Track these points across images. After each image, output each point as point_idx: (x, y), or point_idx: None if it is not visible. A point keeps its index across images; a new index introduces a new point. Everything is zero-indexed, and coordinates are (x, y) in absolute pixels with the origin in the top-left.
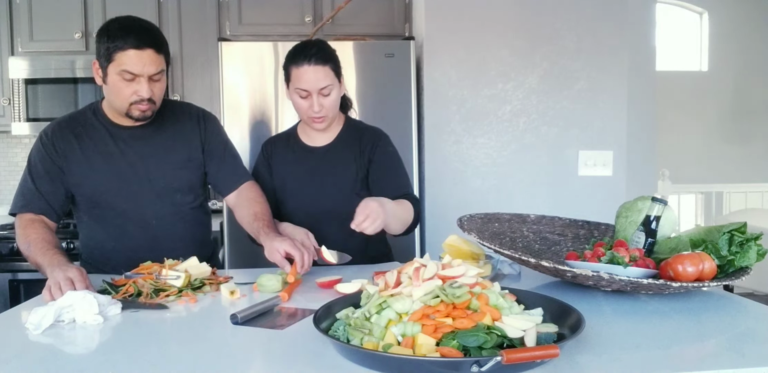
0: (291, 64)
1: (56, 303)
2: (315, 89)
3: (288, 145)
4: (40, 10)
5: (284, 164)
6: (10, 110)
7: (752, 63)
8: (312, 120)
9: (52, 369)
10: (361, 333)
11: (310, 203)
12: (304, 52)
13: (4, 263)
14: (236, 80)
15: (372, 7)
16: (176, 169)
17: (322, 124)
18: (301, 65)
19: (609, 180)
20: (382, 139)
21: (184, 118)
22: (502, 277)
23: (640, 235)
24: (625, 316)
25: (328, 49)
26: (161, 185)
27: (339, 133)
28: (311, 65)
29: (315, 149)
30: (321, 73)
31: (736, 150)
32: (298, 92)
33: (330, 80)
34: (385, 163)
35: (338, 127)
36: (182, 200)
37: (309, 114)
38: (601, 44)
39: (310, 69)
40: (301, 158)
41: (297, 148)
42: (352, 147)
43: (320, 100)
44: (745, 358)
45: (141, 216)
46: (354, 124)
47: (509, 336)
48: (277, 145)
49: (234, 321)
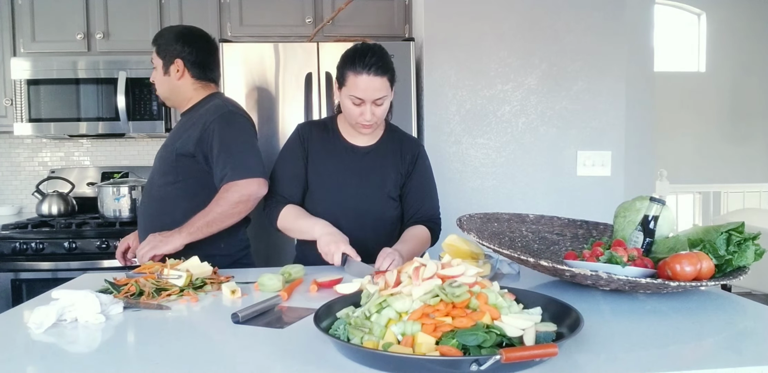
0: (349, 70)
1: (58, 302)
2: (370, 99)
3: (328, 138)
4: (42, 11)
5: (324, 160)
6: (12, 111)
7: (750, 64)
8: (361, 126)
9: (54, 368)
10: (361, 332)
11: (346, 202)
12: (365, 61)
13: (5, 263)
14: (237, 81)
15: (372, 9)
16: None
17: (370, 130)
18: (360, 74)
19: (607, 180)
20: (422, 150)
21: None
22: (502, 276)
23: (638, 234)
24: (624, 315)
25: (388, 59)
26: None
27: (382, 136)
28: (371, 75)
29: (358, 149)
30: (378, 83)
31: (734, 150)
32: (351, 99)
33: (386, 91)
34: (422, 179)
35: (380, 131)
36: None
37: (359, 121)
38: (599, 45)
39: (369, 79)
40: (343, 156)
41: (337, 143)
42: (394, 152)
43: (373, 109)
44: (743, 357)
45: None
46: (395, 129)
47: (508, 335)
48: (315, 133)
49: (235, 320)
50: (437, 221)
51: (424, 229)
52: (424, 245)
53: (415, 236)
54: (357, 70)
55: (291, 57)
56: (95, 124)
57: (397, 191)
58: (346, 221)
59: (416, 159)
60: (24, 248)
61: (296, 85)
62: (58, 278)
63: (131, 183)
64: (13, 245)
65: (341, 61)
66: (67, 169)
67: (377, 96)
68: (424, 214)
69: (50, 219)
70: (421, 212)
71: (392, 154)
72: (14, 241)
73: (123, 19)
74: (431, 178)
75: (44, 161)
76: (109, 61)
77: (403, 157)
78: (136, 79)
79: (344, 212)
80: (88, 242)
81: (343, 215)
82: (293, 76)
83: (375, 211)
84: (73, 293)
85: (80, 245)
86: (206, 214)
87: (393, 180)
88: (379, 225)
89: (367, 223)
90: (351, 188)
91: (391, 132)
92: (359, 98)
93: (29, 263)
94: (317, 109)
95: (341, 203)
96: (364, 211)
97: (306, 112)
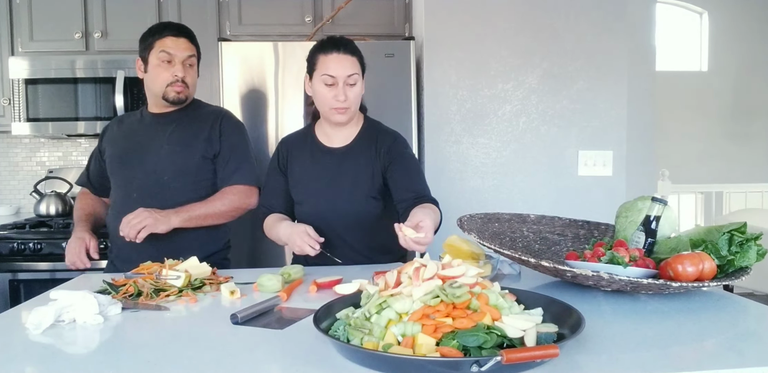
0: (319, 53)
1: (56, 303)
2: (342, 76)
3: (305, 145)
4: (40, 10)
5: (301, 165)
6: (10, 110)
7: (752, 63)
8: (335, 111)
9: (53, 369)
10: (361, 333)
11: (325, 204)
12: (334, 43)
13: (3, 263)
14: (236, 80)
15: (372, 8)
16: None
17: (344, 115)
18: (330, 53)
19: (609, 180)
20: (398, 141)
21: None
22: (502, 277)
23: (639, 235)
24: (625, 316)
25: (355, 45)
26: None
27: (357, 134)
28: (340, 54)
29: (333, 150)
30: (349, 62)
31: (736, 150)
32: (324, 79)
33: (357, 70)
34: (403, 165)
35: (357, 128)
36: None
37: (332, 104)
38: (601, 44)
39: (340, 57)
40: (319, 159)
41: (314, 148)
42: (369, 149)
43: (346, 90)
44: (745, 358)
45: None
46: (372, 125)
47: (509, 336)
48: (293, 146)
49: (234, 321)
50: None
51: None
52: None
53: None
54: (327, 51)
55: (290, 56)
56: (93, 123)
57: (377, 188)
58: (329, 222)
59: (391, 149)
60: (22, 249)
61: (295, 85)
62: (56, 278)
63: None
64: (10, 245)
65: (311, 52)
66: (65, 169)
67: (349, 72)
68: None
69: (48, 219)
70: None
71: (366, 152)
72: (12, 241)
73: (121, 18)
74: (414, 164)
75: (42, 161)
76: (108, 60)
77: (378, 152)
78: (135, 79)
79: (326, 213)
80: None
81: (325, 216)
82: (292, 76)
83: (356, 211)
84: (71, 294)
85: None
86: (207, 207)
87: (369, 178)
88: (362, 225)
89: (349, 223)
90: (329, 189)
91: (368, 128)
92: (331, 76)
93: (27, 263)
94: None
95: (322, 205)
96: (345, 211)
97: (305, 111)
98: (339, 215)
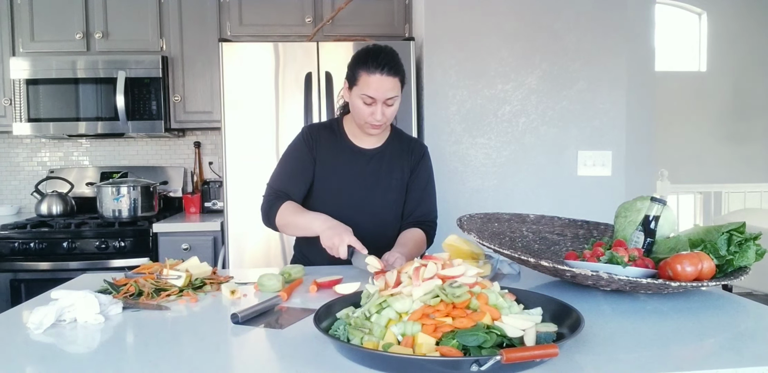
0: (362, 69)
1: (57, 303)
2: (382, 99)
3: (335, 140)
4: (41, 10)
5: (332, 158)
6: (11, 111)
7: (751, 63)
8: (370, 126)
9: (53, 369)
10: (361, 333)
11: (353, 204)
12: (378, 60)
13: (4, 263)
14: (237, 81)
15: (372, 8)
16: None
17: (378, 131)
18: (373, 73)
19: (608, 180)
20: (427, 152)
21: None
22: (502, 276)
23: (639, 235)
24: (624, 315)
25: (399, 60)
26: None
27: (388, 139)
28: (383, 75)
29: (365, 151)
30: (391, 83)
31: (735, 150)
32: (363, 98)
33: (397, 92)
34: (423, 181)
35: (386, 133)
36: None
37: (369, 121)
38: (600, 45)
39: (382, 79)
40: (350, 159)
41: (344, 145)
42: (401, 154)
43: (384, 110)
44: (744, 357)
45: None
46: (400, 132)
47: (509, 336)
48: (322, 135)
49: (234, 321)
50: (432, 224)
51: (420, 231)
52: (420, 248)
53: (411, 238)
54: (370, 70)
55: (291, 57)
56: (94, 124)
57: (404, 191)
58: (353, 223)
59: (421, 159)
60: (23, 248)
61: (296, 85)
62: (57, 278)
63: (130, 183)
64: (12, 245)
65: (353, 60)
66: (66, 169)
67: (389, 96)
68: (420, 215)
69: (49, 219)
70: (418, 213)
71: (399, 155)
72: (13, 241)
73: (122, 18)
74: (431, 181)
75: (43, 161)
76: (109, 60)
77: (410, 156)
78: (136, 79)
79: (351, 214)
80: (87, 242)
81: (350, 217)
82: (293, 76)
83: (382, 213)
84: (72, 294)
85: (79, 245)
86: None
87: (399, 181)
88: (387, 227)
89: (374, 225)
90: (358, 190)
91: (397, 134)
92: (371, 97)
93: (28, 263)
94: (317, 109)
95: (348, 206)
96: (372, 213)
97: (306, 111)
98: (365, 216)
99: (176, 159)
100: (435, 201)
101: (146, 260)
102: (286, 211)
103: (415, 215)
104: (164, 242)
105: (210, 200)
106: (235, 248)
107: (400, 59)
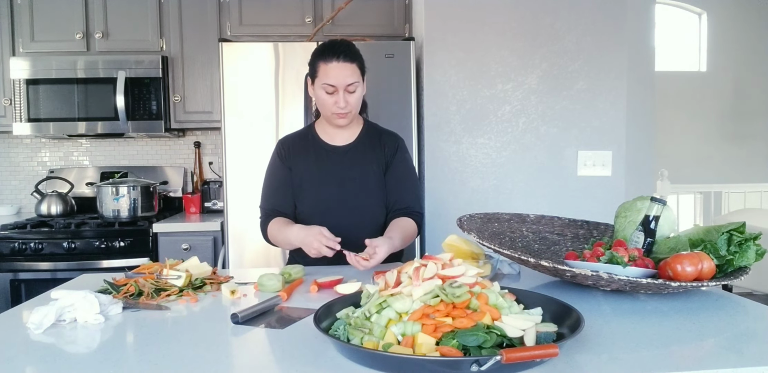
0: (319, 60)
1: (57, 303)
2: (342, 85)
3: (306, 144)
4: (41, 10)
5: (305, 164)
6: (11, 111)
7: (751, 63)
8: (336, 116)
9: (53, 369)
10: (361, 332)
11: (332, 200)
12: (334, 49)
13: (4, 263)
14: (237, 81)
15: (372, 8)
16: None
17: (345, 119)
18: (330, 61)
19: (608, 180)
20: (401, 144)
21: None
22: (502, 276)
23: (639, 235)
24: (625, 315)
25: (355, 49)
26: None
27: (360, 133)
28: (340, 62)
29: (336, 148)
30: (349, 70)
31: (735, 150)
32: (324, 88)
33: (356, 77)
34: (402, 172)
35: (358, 128)
36: None
37: (333, 110)
38: (600, 45)
39: (339, 65)
40: (323, 158)
41: (317, 147)
42: (374, 147)
43: (346, 97)
44: (744, 357)
45: None
46: (373, 126)
47: (509, 336)
48: (294, 145)
49: (234, 321)
50: (417, 215)
51: (409, 220)
52: (410, 235)
53: (401, 226)
54: (327, 59)
55: (291, 57)
56: (94, 124)
57: (383, 185)
58: (335, 219)
59: (395, 152)
60: (23, 248)
61: (296, 85)
62: (57, 278)
63: (130, 183)
64: (12, 245)
65: (312, 57)
66: (66, 169)
67: (348, 82)
68: (403, 207)
69: (49, 219)
70: (400, 205)
71: (372, 149)
72: (13, 241)
73: (122, 18)
74: (412, 170)
75: (43, 161)
76: (109, 60)
77: (384, 152)
78: (136, 79)
79: (331, 210)
80: (87, 242)
81: (330, 213)
82: (293, 76)
83: (362, 207)
84: (72, 294)
85: (79, 245)
86: None
87: (375, 173)
88: (368, 219)
89: (355, 219)
90: (335, 186)
91: (369, 128)
92: (332, 85)
93: (28, 263)
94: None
95: (328, 203)
96: (352, 207)
97: (306, 111)
98: (347, 212)
99: (176, 159)
100: (417, 193)
101: (146, 260)
102: (273, 230)
103: (397, 207)
104: (164, 242)
105: (210, 200)
106: (235, 248)
107: (356, 48)
